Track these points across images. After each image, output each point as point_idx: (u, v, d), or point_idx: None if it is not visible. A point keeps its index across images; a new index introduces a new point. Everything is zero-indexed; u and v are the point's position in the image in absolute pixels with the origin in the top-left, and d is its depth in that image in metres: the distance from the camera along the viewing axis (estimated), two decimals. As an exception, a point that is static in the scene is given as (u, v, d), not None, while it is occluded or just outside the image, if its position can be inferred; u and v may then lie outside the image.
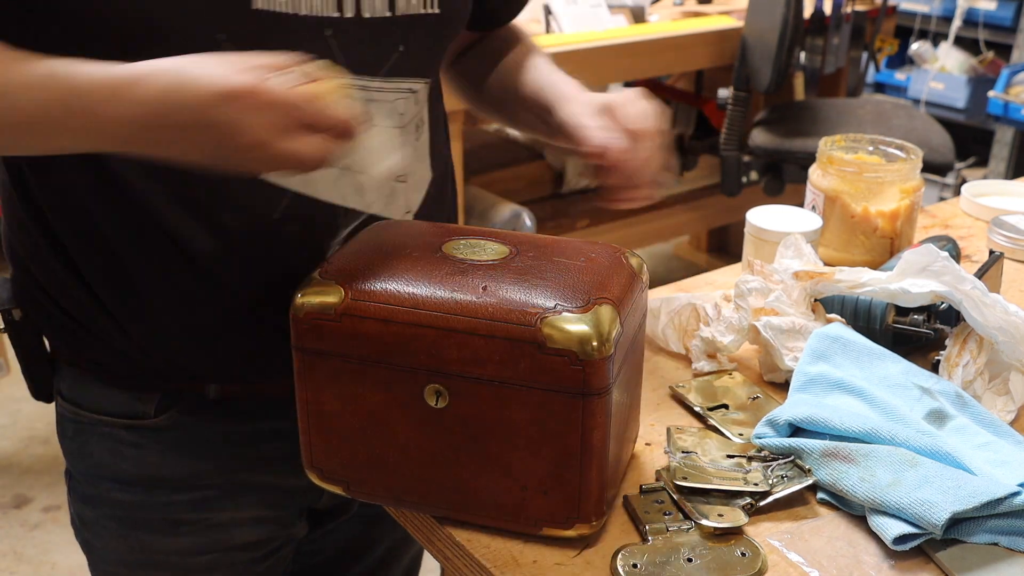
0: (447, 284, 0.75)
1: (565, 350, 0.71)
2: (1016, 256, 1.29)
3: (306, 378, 0.78)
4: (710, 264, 3.36)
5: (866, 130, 2.51)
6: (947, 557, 0.76)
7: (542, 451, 0.74)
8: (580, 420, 0.73)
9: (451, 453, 0.77)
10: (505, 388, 0.73)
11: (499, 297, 0.73)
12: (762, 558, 0.76)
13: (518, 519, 0.77)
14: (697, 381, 1.00)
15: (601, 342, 0.71)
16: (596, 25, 2.57)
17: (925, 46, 4.15)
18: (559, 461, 0.74)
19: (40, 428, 2.63)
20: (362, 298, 0.75)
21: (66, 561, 2.17)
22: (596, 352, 0.71)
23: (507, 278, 0.76)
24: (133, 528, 0.97)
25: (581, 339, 0.71)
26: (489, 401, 0.74)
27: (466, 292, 0.74)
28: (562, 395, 0.72)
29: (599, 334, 0.71)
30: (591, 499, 0.76)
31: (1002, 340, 0.94)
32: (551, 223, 2.65)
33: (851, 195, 1.22)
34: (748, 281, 1.00)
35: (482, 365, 0.73)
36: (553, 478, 0.75)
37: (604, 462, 0.75)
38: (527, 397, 0.73)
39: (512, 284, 0.75)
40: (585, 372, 0.71)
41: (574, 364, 0.71)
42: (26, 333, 0.95)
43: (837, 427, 0.85)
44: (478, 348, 0.72)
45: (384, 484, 0.80)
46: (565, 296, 0.73)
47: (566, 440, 0.74)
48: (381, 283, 0.75)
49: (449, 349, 0.73)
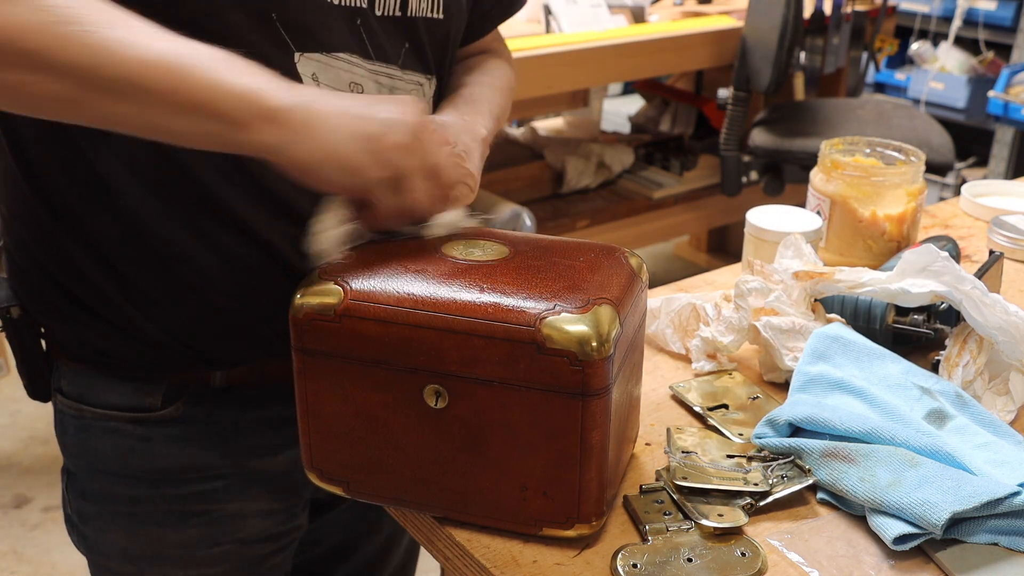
0: (446, 285, 0.75)
1: (564, 350, 0.71)
2: (1016, 256, 1.29)
3: (306, 379, 0.78)
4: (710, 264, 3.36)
5: (866, 130, 2.51)
6: (947, 557, 0.76)
7: (541, 451, 0.74)
8: (579, 420, 0.73)
9: (450, 454, 0.77)
10: (504, 389, 0.73)
11: (498, 298, 0.73)
12: (762, 558, 0.76)
13: (518, 519, 0.77)
14: (697, 381, 1.00)
15: (600, 342, 0.71)
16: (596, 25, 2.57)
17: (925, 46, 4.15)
18: (558, 461, 0.74)
19: (40, 428, 2.63)
20: (361, 299, 0.74)
21: (66, 561, 2.17)
22: (595, 352, 0.71)
23: (506, 278, 0.76)
24: (139, 522, 0.97)
25: (580, 339, 0.71)
26: (488, 402, 0.74)
27: (465, 292, 0.74)
28: (561, 395, 0.72)
29: (598, 334, 0.71)
30: (591, 499, 0.76)
31: (1002, 340, 0.94)
32: (551, 223, 2.65)
33: (858, 199, 1.21)
34: (748, 281, 1.00)
35: (481, 366, 0.73)
36: (553, 478, 0.75)
37: (604, 462, 0.75)
38: (526, 397, 0.73)
39: (511, 284, 0.75)
40: (585, 372, 0.71)
41: (573, 364, 0.71)
42: (24, 331, 0.95)
43: (837, 427, 0.85)
44: (477, 348, 0.72)
45: (384, 484, 0.80)
46: (564, 296, 0.73)
47: (565, 440, 0.74)
48: (380, 284, 0.75)
49: (448, 350, 0.73)
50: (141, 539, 0.98)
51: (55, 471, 2.48)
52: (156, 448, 0.95)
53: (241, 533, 1.00)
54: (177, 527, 0.97)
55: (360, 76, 0.89)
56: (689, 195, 2.95)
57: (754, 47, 2.54)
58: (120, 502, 0.97)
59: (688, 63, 2.81)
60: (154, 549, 0.98)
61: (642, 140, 3.14)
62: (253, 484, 0.99)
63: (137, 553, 0.99)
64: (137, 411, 0.94)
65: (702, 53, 2.68)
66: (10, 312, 0.94)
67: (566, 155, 2.86)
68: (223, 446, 0.96)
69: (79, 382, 0.95)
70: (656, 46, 2.56)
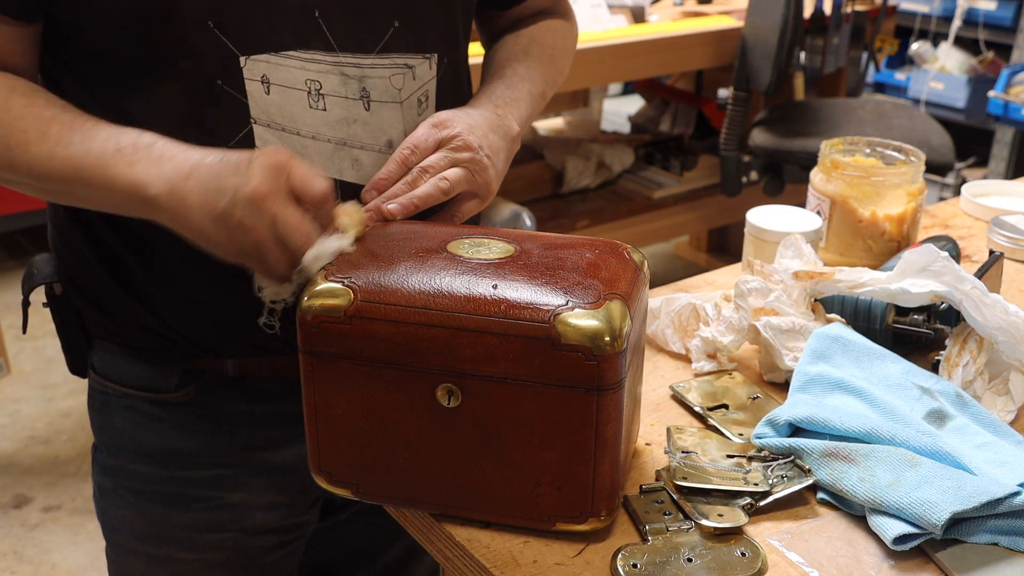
0: (457, 283, 0.75)
1: (579, 346, 0.71)
2: (1016, 256, 1.29)
3: (314, 381, 0.78)
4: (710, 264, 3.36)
5: (866, 130, 2.51)
6: (947, 557, 0.76)
7: (556, 447, 0.75)
8: (594, 415, 0.73)
9: (463, 452, 0.76)
10: (519, 385, 0.73)
11: (511, 295, 0.73)
12: (762, 558, 0.76)
13: (531, 515, 0.77)
14: (697, 381, 1.00)
15: (614, 337, 0.71)
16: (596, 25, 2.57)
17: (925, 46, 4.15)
18: (573, 456, 0.75)
19: (40, 428, 2.63)
20: (372, 299, 0.74)
21: (66, 561, 2.17)
22: (609, 347, 0.71)
23: (516, 276, 0.76)
24: (148, 500, 1.00)
25: (595, 335, 0.71)
26: (502, 399, 0.74)
27: (477, 291, 0.74)
28: (576, 390, 0.72)
29: (612, 329, 0.71)
30: (604, 493, 0.76)
31: (1002, 340, 0.94)
32: (551, 223, 2.65)
33: (858, 199, 1.22)
34: (748, 281, 1.00)
35: (496, 363, 0.73)
36: (567, 473, 0.75)
37: (617, 456, 0.76)
38: (541, 393, 0.73)
39: (522, 282, 0.75)
40: (600, 367, 0.71)
41: (589, 359, 0.71)
42: (66, 308, 0.98)
43: (837, 427, 0.85)
44: (492, 346, 0.72)
45: (394, 485, 0.80)
46: (576, 292, 0.73)
47: (580, 435, 0.74)
48: (391, 284, 0.75)
49: (462, 348, 0.73)
50: (148, 517, 1.01)
51: (55, 471, 2.49)
52: (168, 429, 0.98)
53: (244, 523, 1.01)
54: (182, 509, 1.00)
55: (319, 71, 0.87)
56: (689, 195, 2.95)
57: (754, 47, 2.54)
58: (133, 478, 1.00)
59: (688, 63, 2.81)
60: (159, 528, 1.01)
61: (642, 140, 3.14)
62: (259, 476, 1.00)
63: (143, 531, 1.02)
64: (152, 391, 0.96)
65: (702, 53, 2.68)
66: (53, 288, 0.98)
67: (566, 155, 2.86)
68: (232, 435, 0.98)
69: (107, 360, 0.99)
70: (656, 46, 2.56)
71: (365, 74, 0.90)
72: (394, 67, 0.91)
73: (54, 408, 2.72)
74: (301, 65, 0.87)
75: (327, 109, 0.88)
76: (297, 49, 0.86)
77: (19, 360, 2.92)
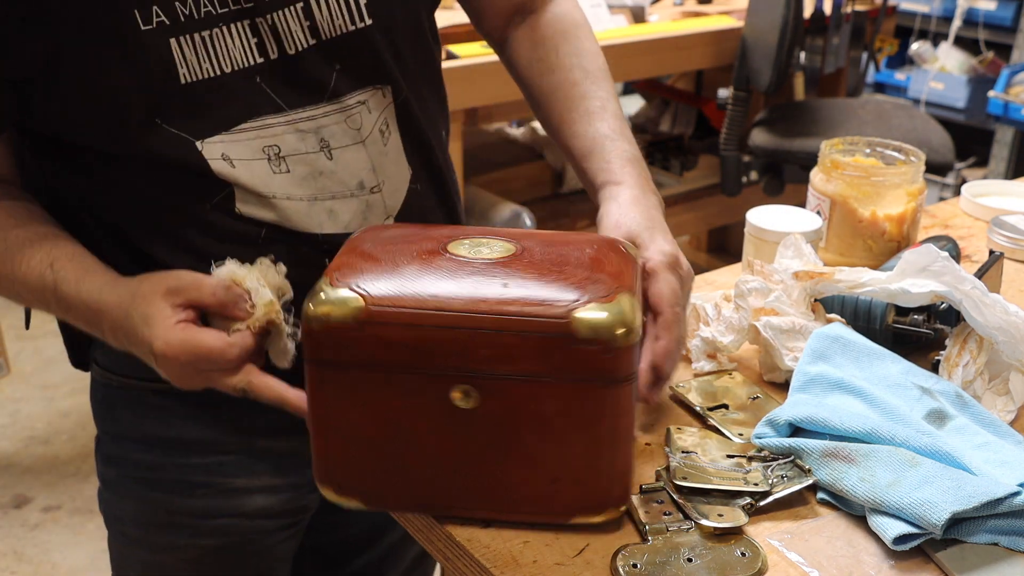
0: (468, 284, 0.74)
1: (596, 339, 0.71)
2: (1016, 256, 1.29)
3: (321, 391, 0.76)
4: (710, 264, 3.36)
5: (866, 130, 2.51)
6: (947, 557, 0.76)
7: (573, 441, 0.75)
8: (610, 407, 0.74)
9: (479, 453, 0.76)
10: (536, 383, 0.73)
11: (523, 293, 0.73)
12: (762, 558, 0.76)
13: (547, 510, 0.78)
14: (697, 381, 1.00)
15: (628, 330, 0.72)
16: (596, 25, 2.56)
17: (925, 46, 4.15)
18: (590, 449, 0.75)
19: (40, 428, 2.63)
20: (384, 304, 0.73)
21: (66, 561, 2.17)
22: (624, 340, 0.72)
23: (524, 273, 0.75)
24: (151, 488, 1.02)
25: (611, 327, 0.71)
26: (520, 397, 0.74)
27: (489, 290, 0.73)
28: (593, 384, 0.73)
29: (625, 322, 0.72)
30: (620, 484, 0.77)
31: (1002, 340, 0.94)
32: (551, 223, 2.65)
33: (858, 199, 1.22)
34: (748, 281, 1.00)
35: (513, 361, 0.72)
36: (585, 467, 0.75)
37: (631, 446, 0.77)
38: (558, 389, 0.73)
39: (531, 279, 0.75)
40: (616, 360, 0.72)
41: (606, 353, 0.71)
42: None
43: (837, 427, 0.85)
44: (509, 344, 0.72)
45: (406, 491, 0.79)
46: (587, 287, 0.74)
47: (597, 428, 0.74)
48: (400, 288, 0.74)
49: (479, 348, 0.72)
50: (151, 504, 1.03)
51: (55, 471, 2.49)
52: (170, 418, 0.99)
53: (246, 508, 1.03)
54: (184, 496, 1.01)
55: (274, 135, 0.88)
56: (689, 195, 2.95)
57: (754, 47, 2.54)
58: (136, 467, 1.02)
59: (688, 63, 2.80)
60: (162, 515, 1.03)
61: (642, 140, 3.14)
62: (261, 461, 1.02)
63: (146, 518, 1.04)
64: (155, 380, 0.96)
65: (702, 53, 2.68)
66: None
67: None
68: (234, 423, 0.99)
69: (110, 352, 0.99)
70: (656, 46, 2.56)
71: (320, 124, 0.89)
72: (347, 108, 0.91)
73: (54, 408, 2.72)
74: (256, 135, 0.87)
75: (290, 170, 0.89)
76: (249, 119, 0.87)
77: (19, 360, 2.92)
